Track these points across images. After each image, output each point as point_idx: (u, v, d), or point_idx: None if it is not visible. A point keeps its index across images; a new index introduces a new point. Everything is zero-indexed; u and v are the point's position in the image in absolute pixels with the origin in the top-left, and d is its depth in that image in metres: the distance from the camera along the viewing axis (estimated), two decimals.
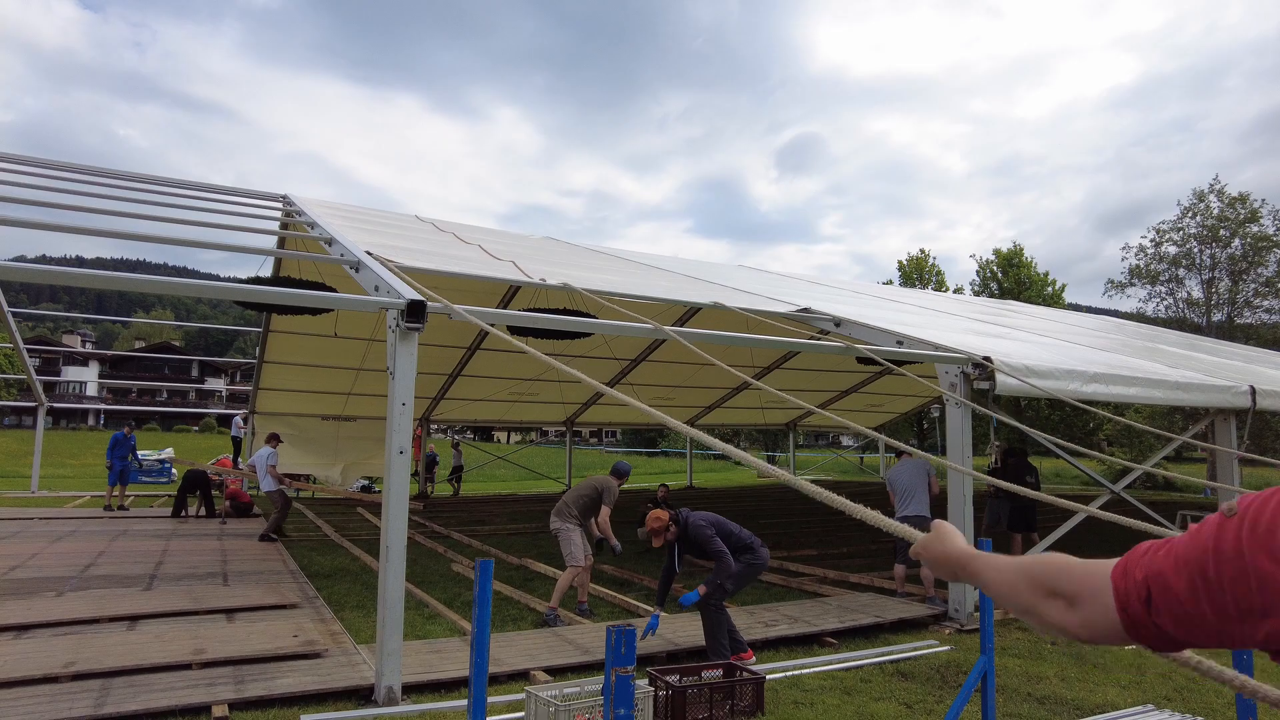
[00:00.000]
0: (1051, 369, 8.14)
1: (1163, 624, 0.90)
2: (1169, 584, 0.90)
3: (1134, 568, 0.94)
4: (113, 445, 15.30)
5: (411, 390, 5.37)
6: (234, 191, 13.89)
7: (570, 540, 7.41)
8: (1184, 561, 0.90)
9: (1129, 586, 0.93)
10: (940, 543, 1.22)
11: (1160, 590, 0.90)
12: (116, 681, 5.08)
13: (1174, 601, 0.89)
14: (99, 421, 62.32)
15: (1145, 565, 0.93)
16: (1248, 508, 0.87)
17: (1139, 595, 0.92)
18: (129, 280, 5.60)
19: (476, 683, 3.15)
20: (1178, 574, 0.89)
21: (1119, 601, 0.94)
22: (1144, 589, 0.92)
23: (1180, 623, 0.89)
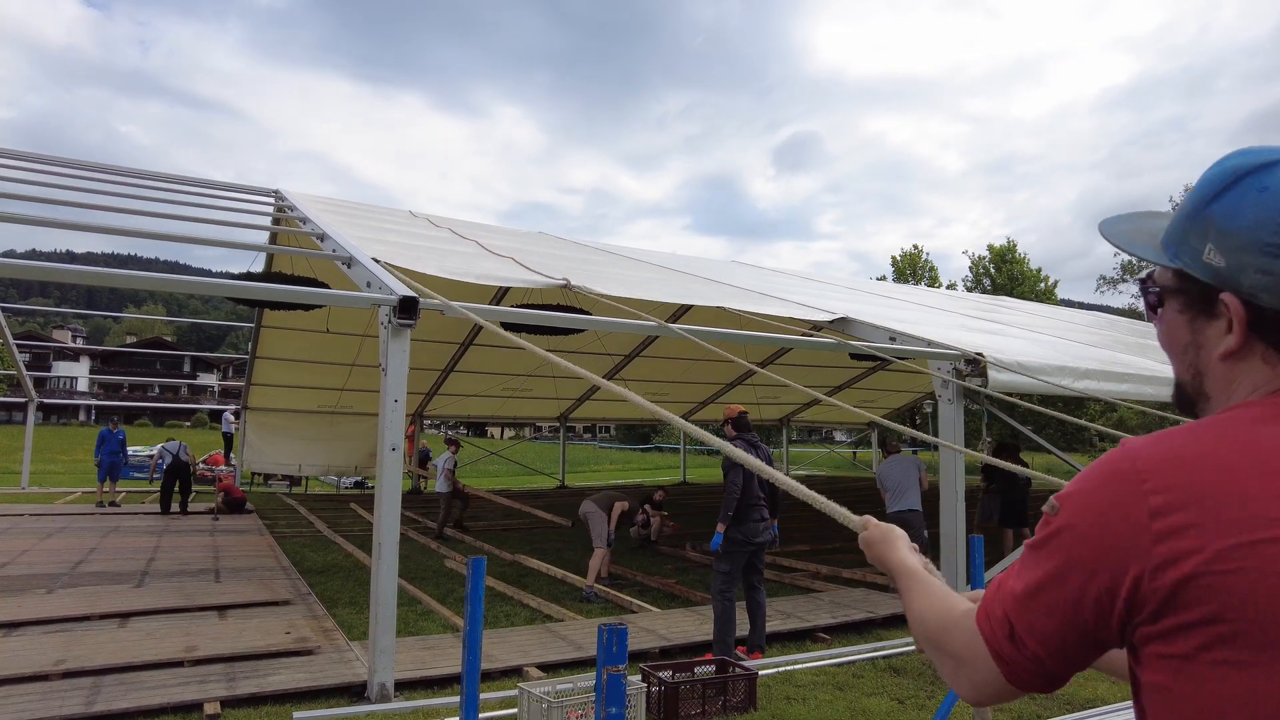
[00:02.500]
0: (1043, 365, 8.16)
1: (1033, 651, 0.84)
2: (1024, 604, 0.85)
3: (992, 606, 0.89)
4: (100, 442, 15.22)
5: (404, 386, 5.36)
6: (226, 187, 13.82)
7: (600, 524, 8.44)
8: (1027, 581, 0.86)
9: (993, 628, 0.88)
10: (882, 546, 1.16)
11: (1018, 613, 0.85)
12: (107, 679, 5.07)
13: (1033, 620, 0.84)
14: (90, 417, 62.02)
15: (1001, 600, 0.88)
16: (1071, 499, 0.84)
17: (1004, 633, 0.86)
18: (120, 276, 5.57)
19: (469, 679, 3.15)
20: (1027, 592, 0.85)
21: (991, 649, 0.88)
22: (1004, 623, 0.87)
23: (1048, 642, 0.84)
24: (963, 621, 0.93)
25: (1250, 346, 0.85)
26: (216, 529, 12.54)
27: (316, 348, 14.89)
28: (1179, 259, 0.89)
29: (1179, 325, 0.91)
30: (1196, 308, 0.89)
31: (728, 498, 6.00)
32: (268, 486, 21.46)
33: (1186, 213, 0.89)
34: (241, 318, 26.90)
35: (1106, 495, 0.81)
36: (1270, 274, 0.81)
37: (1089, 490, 0.84)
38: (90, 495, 16.36)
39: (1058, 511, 0.85)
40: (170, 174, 14.29)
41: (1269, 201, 0.82)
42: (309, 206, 10.98)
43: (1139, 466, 0.81)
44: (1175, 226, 0.91)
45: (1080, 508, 0.83)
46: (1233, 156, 0.87)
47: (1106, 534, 0.80)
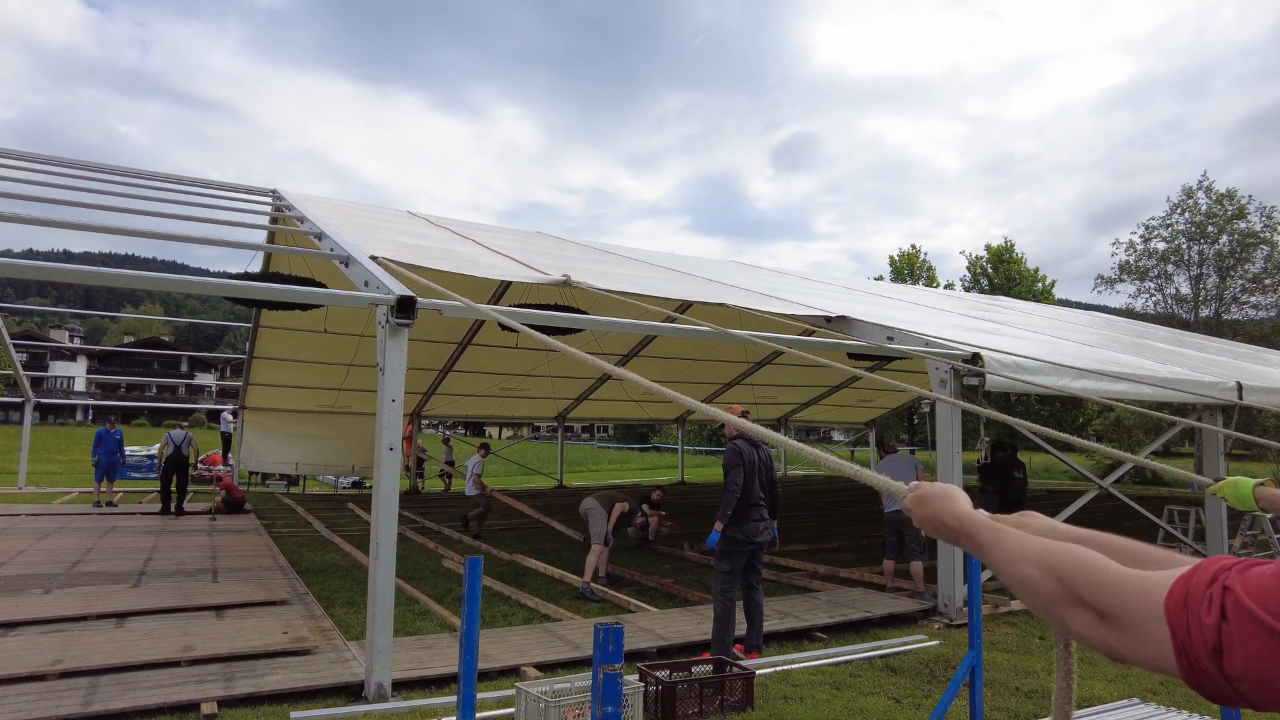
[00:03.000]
0: (1041, 365, 8.18)
1: (1238, 685, 0.70)
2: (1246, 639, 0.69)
3: (1197, 605, 0.72)
4: (97, 442, 15.19)
5: (401, 386, 5.36)
6: (224, 186, 13.80)
7: (599, 521, 8.52)
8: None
9: (1191, 627, 0.72)
10: (941, 500, 1.03)
11: (1235, 646, 0.69)
12: (104, 679, 5.06)
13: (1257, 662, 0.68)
14: (87, 417, 61.92)
15: (1214, 606, 0.71)
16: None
17: (1206, 643, 0.71)
18: (117, 276, 5.57)
19: (466, 679, 3.16)
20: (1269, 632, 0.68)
21: (1177, 643, 0.73)
22: (1215, 635, 0.70)
23: (1266, 686, 0.68)
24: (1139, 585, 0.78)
25: None
26: (214, 529, 12.53)
27: (314, 347, 14.88)
28: None
29: None
30: None
31: (728, 496, 6.02)
32: (265, 486, 21.45)
33: None
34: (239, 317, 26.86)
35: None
36: None
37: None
38: (87, 495, 16.33)
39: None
40: (168, 174, 14.27)
41: None
42: (307, 206, 10.98)
43: None
44: None
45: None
46: None
47: None
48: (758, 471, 6.14)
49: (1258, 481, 1.92)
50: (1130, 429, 27.97)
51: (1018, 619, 7.53)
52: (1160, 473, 2.39)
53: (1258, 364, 13.55)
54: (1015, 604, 7.80)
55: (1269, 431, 19.36)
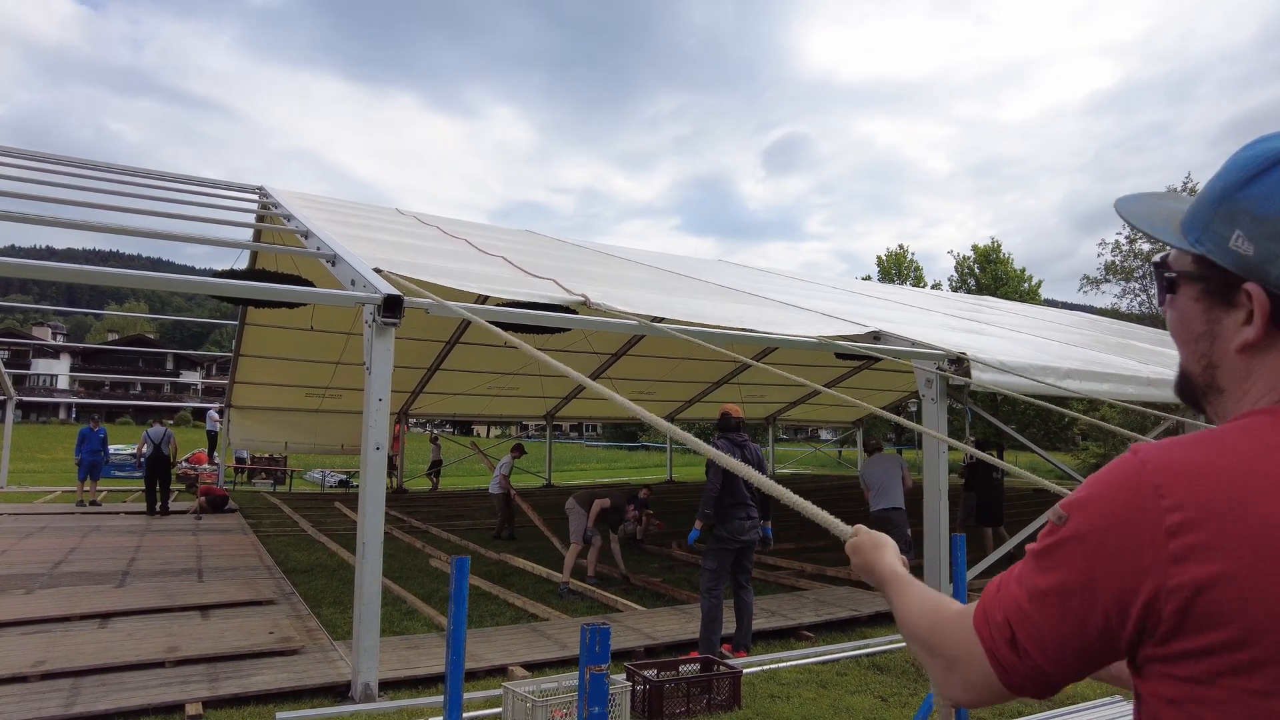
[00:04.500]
0: (1026, 365, 8.23)
1: (1035, 660, 0.82)
2: (1027, 611, 0.82)
3: (992, 610, 0.86)
4: (80, 441, 15.05)
5: (388, 385, 5.34)
6: (210, 183, 13.70)
7: (579, 520, 8.58)
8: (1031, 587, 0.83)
9: (993, 632, 0.85)
10: (871, 551, 1.13)
11: (1021, 621, 0.82)
12: (87, 680, 5.02)
13: (1036, 629, 0.81)
14: (70, 415, 61.33)
15: (1002, 605, 0.85)
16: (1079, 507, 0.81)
17: (1004, 637, 0.83)
18: (102, 274, 5.52)
19: (452, 679, 3.15)
20: (1032, 600, 0.82)
21: (987, 650, 0.85)
22: (1005, 629, 0.84)
23: (1050, 652, 0.81)
24: (958, 621, 0.90)
25: (1271, 340, 0.81)
26: (199, 528, 12.45)
27: (301, 345, 14.80)
28: (1201, 244, 0.85)
29: (1193, 313, 0.87)
30: (1215, 296, 0.84)
31: (705, 495, 6.08)
32: (252, 485, 21.33)
33: (1214, 197, 0.84)
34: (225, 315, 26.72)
35: (1119, 508, 0.78)
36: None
37: (1100, 500, 0.80)
38: (70, 494, 16.19)
39: (1065, 521, 0.81)
40: (153, 170, 14.16)
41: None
42: (293, 204, 10.91)
43: (1156, 480, 0.77)
44: (1199, 210, 0.86)
45: (1091, 518, 0.79)
46: (1265, 141, 0.83)
47: (1119, 549, 0.77)
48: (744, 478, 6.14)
49: None
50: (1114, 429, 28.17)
51: None
52: None
53: None
54: None
55: None
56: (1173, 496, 0.75)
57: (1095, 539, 0.78)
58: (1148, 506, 0.76)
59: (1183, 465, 0.77)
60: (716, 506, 6.11)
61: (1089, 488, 0.82)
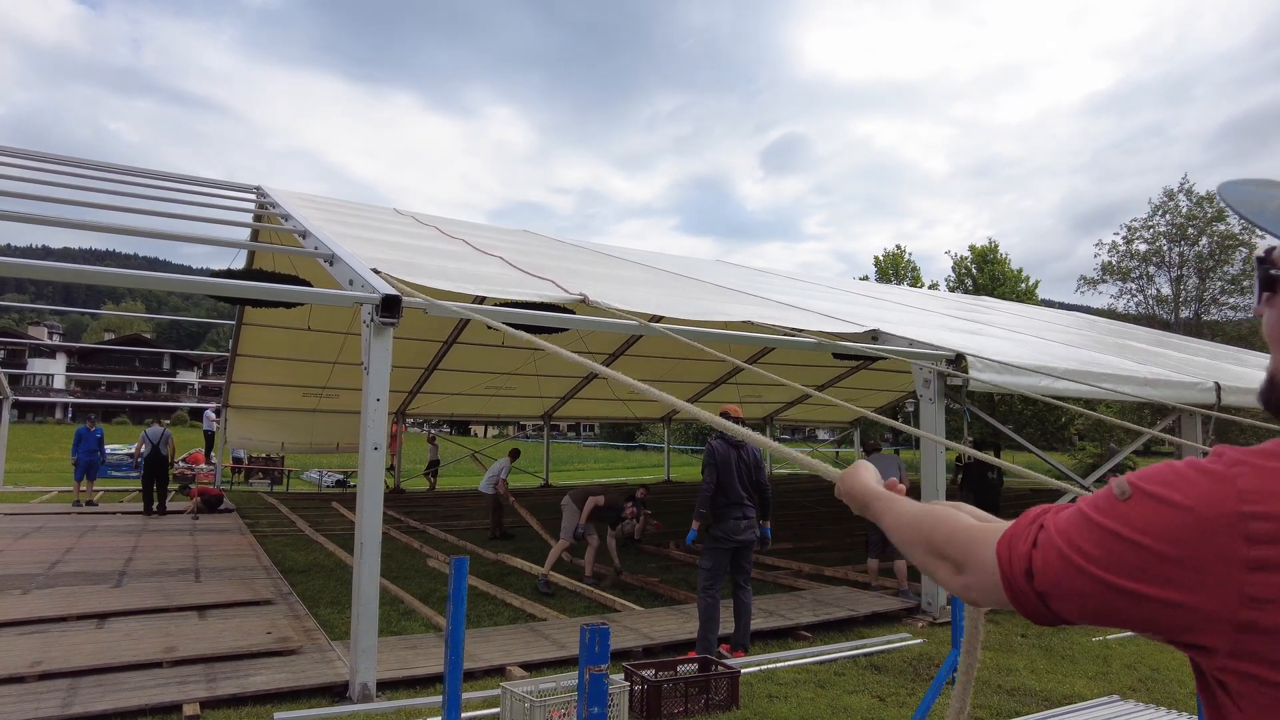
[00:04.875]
0: (1023, 365, 8.25)
1: (1053, 602, 0.83)
2: (1058, 567, 0.81)
3: (1018, 541, 0.86)
4: (77, 441, 15.02)
5: (386, 385, 5.34)
6: (207, 183, 13.68)
7: (571, 517, 8.59)
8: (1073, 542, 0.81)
9: (1013, 558, 0.86)
10: (851, 477, 1.20)
11: (1046, 570, 0.82)
12: (85, 681, 5.01)
13: (1062, 589, 0.81)
14: (67, 415, 61.18)
15: (1032, 539, 0.85)
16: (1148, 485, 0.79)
17: (1021, 569, 0.84)
18: (98, 274, 5.51)
19: (451, 679, 3.15)
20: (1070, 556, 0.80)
21: (1002, 573, 0.87)
22: (1025, 561, 0.84)
23: (1072, 605, 0.82)
24: (976, 533, 0.93)
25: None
26: (196, 528, 12.43)
27: (298, 345, 14.78)
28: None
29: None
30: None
31: (701, 495, 6.11)
32: (249, 485, 21.30)
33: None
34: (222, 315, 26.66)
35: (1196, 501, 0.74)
36: None
37: (1176, 487, 0.76)
38: (67, 494, 16.15)
39: (1128, 496, 0.78)
40: (150, 170, 14.13)
41: None
42: (291, 203, 10.90)
43: (1240, 484, 0.73)
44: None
45: (1162, 503, 0.75)
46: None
47: (1189, 545, 0.73)
48: (738, 471, 6.17)
49: None
50: (1111, 428, 28.26)
51: (1000, 617, 7.60)
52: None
53: (1236, 364, 13.72)
54: None
55: (1246, 431, 19.62)
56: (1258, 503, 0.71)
57: (1161, 525, 0.74)
58: (1229, 508, 0.72)
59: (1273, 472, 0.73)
60: (712, 506, 6.11)
61: (1164, 472, 0.78)
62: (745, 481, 6.18)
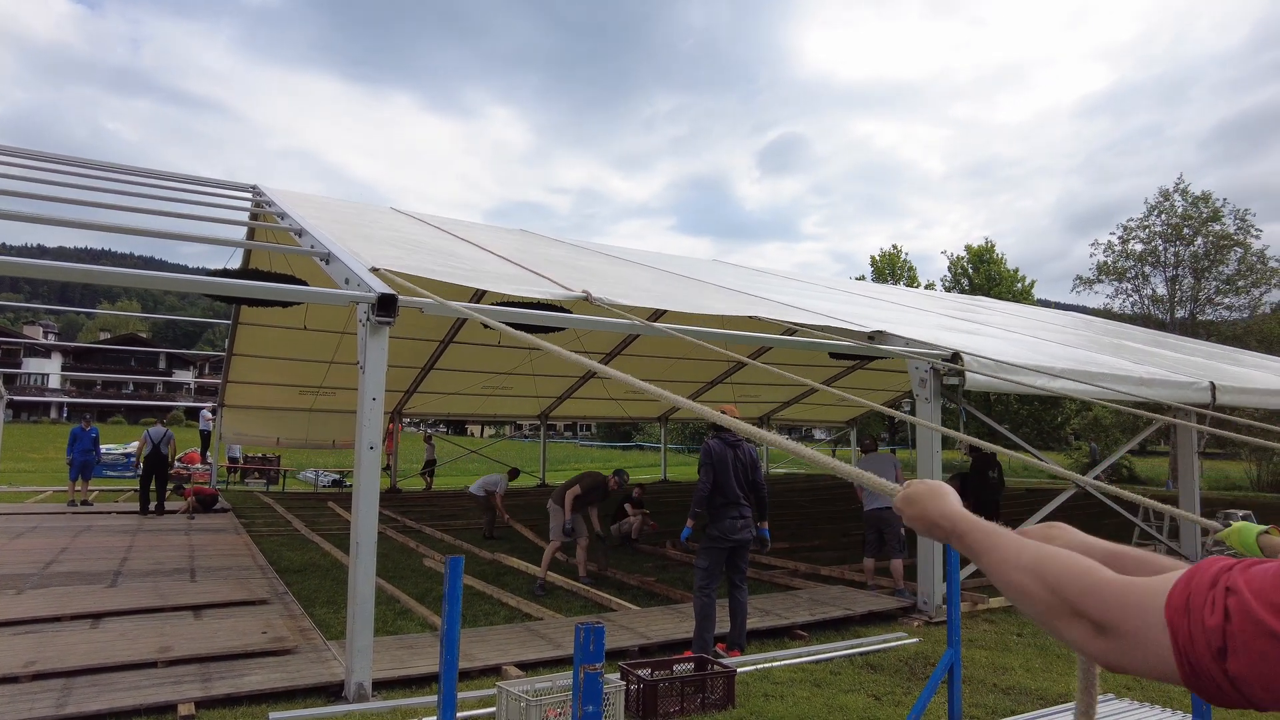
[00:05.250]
0: (1020, 364, 8.26)
1: (1244, 688, 0.69)
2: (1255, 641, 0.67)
3: (1200, 606, 0.71)
4: (72, 440, 14.98)
5: (382, 385, 5.33)
6: (203, 182, 13.64)
7: (556, 517, 8.56)
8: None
9: (1194, 631, 0.71)
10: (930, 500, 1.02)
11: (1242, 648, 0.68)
12: (79, 681, 5.00)
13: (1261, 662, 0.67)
14: (62, 414, 61.02)
15: (1217, 608, 0.70)
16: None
17: (1210, 646, 0.69)
18: (94, 273, 5.50)
19: (446, 679, 3.15)
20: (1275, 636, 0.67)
21: (1178, 648, 0.72)
22: (1220, 637, 0.69)
23: (1268, 689, 0.67)
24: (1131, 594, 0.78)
25: None
26: (192, 528, 12.40)
27: (294, 344, 14.75)
28: None
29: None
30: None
31: (697, 494, 6.10)
32: (244, 485, 21.26)
33: None
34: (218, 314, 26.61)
35: None
36: None
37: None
38: (62, 494, 16.12)
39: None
40: (146, 169, 14.09)
41: None
42: (287, 202, 10.88)
43: None
44: None
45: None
46: None
47: None
48: (735, 470, 6.17)
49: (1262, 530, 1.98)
50: (1108, 428, 28.32)
51: (996, 616, 7.61)
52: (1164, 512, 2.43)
53: (1231, 364, 13.75)
54: (994, 601, 7.88)
55: (1241, 430, 19.68)
56: None
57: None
58: None
59: None
60: (709, 506, 6.11)
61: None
62: (742, 481, 6.19)
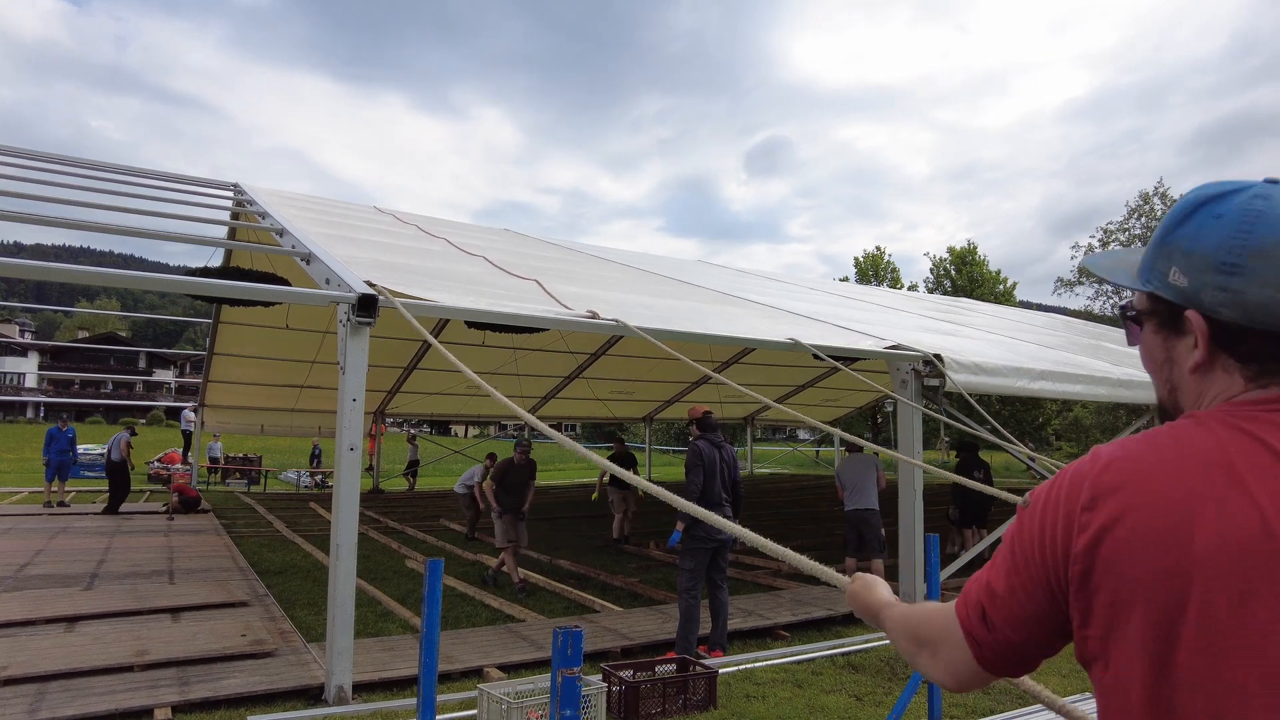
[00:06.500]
0: (1000, 366, 8.33)
1: (1002, 633, 0.94)
2: (994, 589, 0.94)
3: (969, 593, 0.98)
4: (48, 441, 14.80)
5: (363, 385, 5.30)
6: (184, 180, 13.50)
7: (498, 526, 8.53)
8: (998, 565, 0.95)
9: (969, 611, 0.97)
10: (866, 593, 1.26)
11: (989, 598, 0.95)
12: (53, 686, 4.93)
13: (1001, 604, 0.93)
14: (38, 414, 60.20)
15: (977, 587, 0.97)
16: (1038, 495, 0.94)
17: (977, 614, 0.96)
18: (72, 272, 5.43)
19: (426, 681, 3.13)
20: (997, 578, 0.95)
21: (965, 631, 0.97)
22: (978, 606, 0.96)
23: (1014, 625, 0.93)
24: (942, 609, 1.03)
25: (1214, 359, 0.91)
26: (171, 529, 12.27)
27: (276, 344, 14.63)
28: (1150, 283, 0.96)
29: (1155, 344, 0.98)
30: (1168, 326, 0.95)
31: (686, 496, 6.06)
32: (225, 486, 21.06)
33: (1155, 242, 0.97)
34: (199, 313, 26.38)
35: (1059, 490, 0.90)
36: (1226, 290, 0.87)
37: (1052, 485, 0.93)
38: (38, 495, 15.90)
39: (1029, 505, 0.94)
40: (127, 166, 13.93)
41: (1223, 226, 0.89)
42: (269, 201, 10.79)
43: (1093, 467, 0.89)
44: (1147, 255, 0.98)
45: (1040, 501, 0.93)
46: (1194, 190, 0.95)
47: (1052, 525, 0.89)
48: (720, 471, 6.20)
49: None
50: (1088, 429, 28.61)
51: None
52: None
53: None
54: None
55: None
56: (1097, 478, 0.87)
57: (1040, 517, 0.91)
58: (1078, 487, 0.88)
59: (1116, 453, 0.89)
60: (705, 502, 6.13)
61: (1053, 477, 0.95)
62: (725, 482, 6.23)
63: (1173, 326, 0.95)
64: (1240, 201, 0.89)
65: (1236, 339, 0.89)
